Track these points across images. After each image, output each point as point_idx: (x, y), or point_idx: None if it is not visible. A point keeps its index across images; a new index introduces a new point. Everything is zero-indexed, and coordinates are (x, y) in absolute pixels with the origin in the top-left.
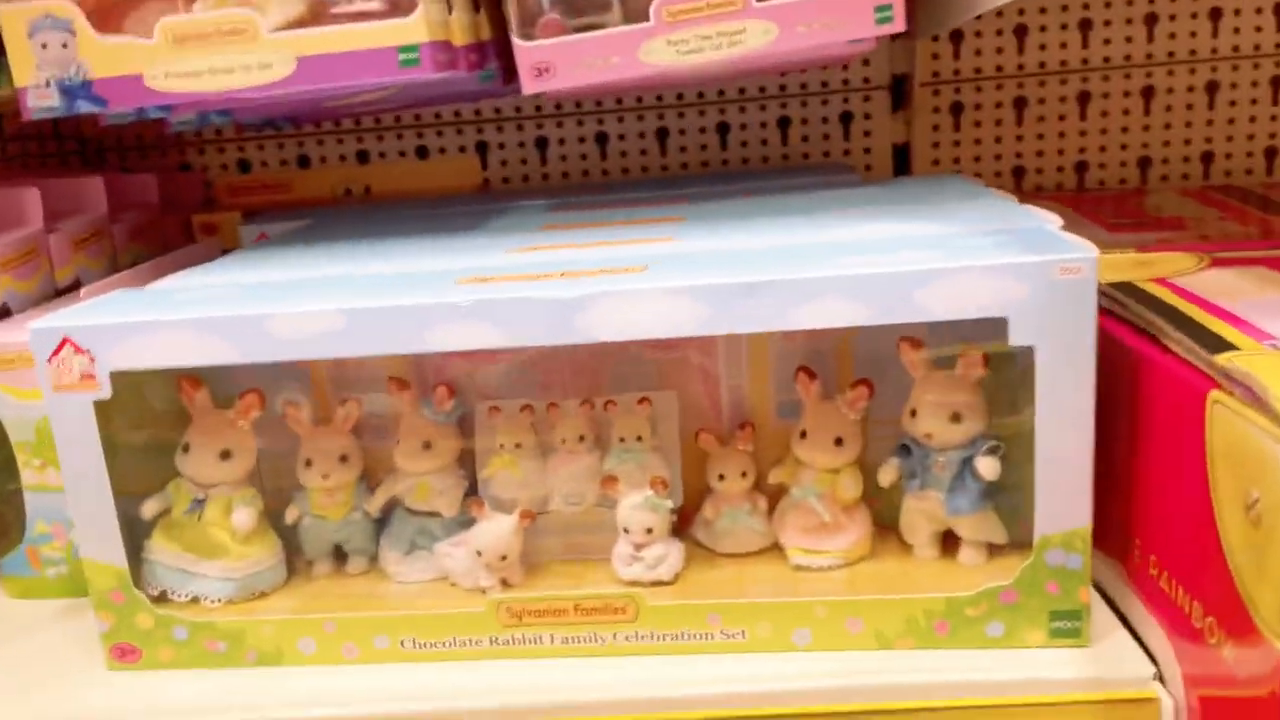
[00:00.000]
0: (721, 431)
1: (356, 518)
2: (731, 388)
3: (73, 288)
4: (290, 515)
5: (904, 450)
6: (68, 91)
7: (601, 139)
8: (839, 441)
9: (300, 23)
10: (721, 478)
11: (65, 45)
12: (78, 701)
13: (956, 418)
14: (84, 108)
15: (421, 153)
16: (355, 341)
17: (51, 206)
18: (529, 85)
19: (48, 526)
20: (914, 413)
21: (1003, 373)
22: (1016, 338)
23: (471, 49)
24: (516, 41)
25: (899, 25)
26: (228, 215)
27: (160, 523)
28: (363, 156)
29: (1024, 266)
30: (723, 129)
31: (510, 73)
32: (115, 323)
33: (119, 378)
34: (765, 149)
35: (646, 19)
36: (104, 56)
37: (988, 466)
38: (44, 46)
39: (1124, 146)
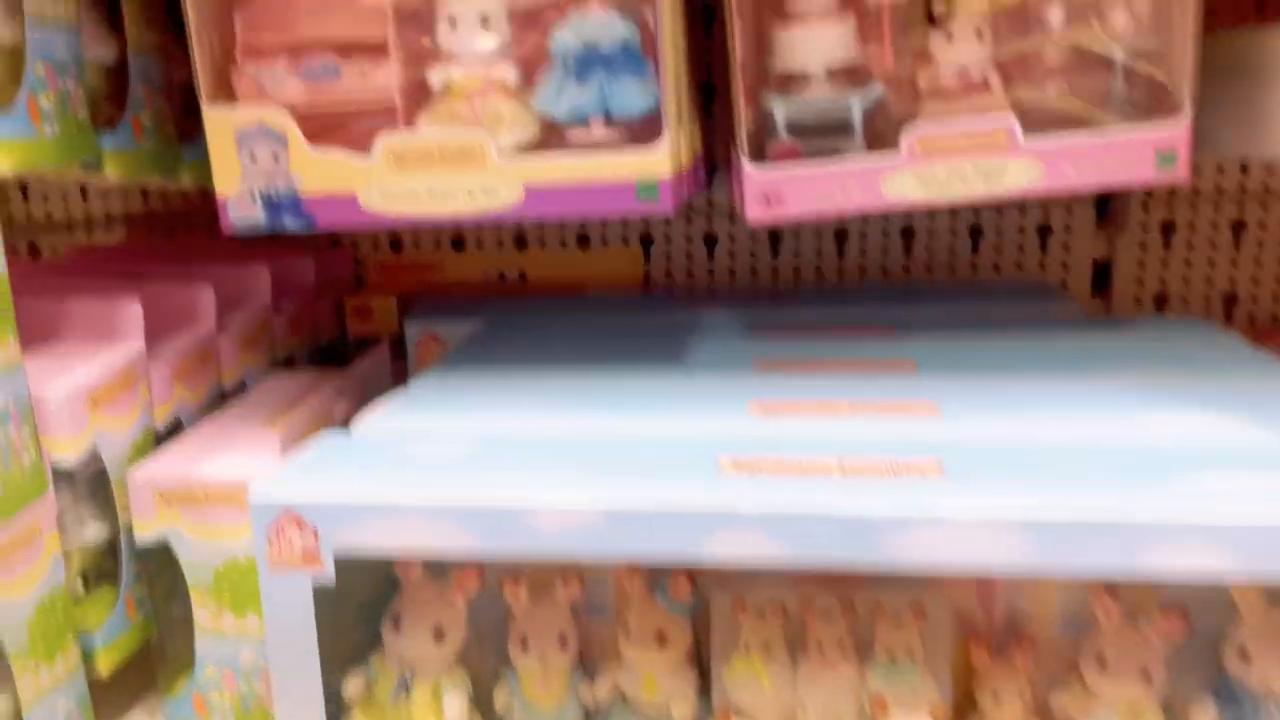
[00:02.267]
0: (993, 641)
1: (570, 705)
2: (1008, 586)
3: (238, 389)
4: (499, 700)
5: (1224, 692)
6: (273, 205)
7: (774, 240)
8: (1145, 674)
9: (532, 146)
10: (996, 699)
11: (276, 158)
12: None
13: None
14: (290, 224)
15: (582, 241)
16: (618, 543)
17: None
18: (755, 214)
19: (217, 672)
20: (1245, 654)
21: None
22: None
23: (696, 165)
24: (746, 167)
25: (1182, 173)
26: (382, 300)
27: (360, 701)
28: (520, 242)
29: None
30: (907, 234)
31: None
32: (346, 504)
33: None
34: (952, 257)
35: (893, 146)
36: (316, 171)
37: None
38: (253, 158)
39: None
